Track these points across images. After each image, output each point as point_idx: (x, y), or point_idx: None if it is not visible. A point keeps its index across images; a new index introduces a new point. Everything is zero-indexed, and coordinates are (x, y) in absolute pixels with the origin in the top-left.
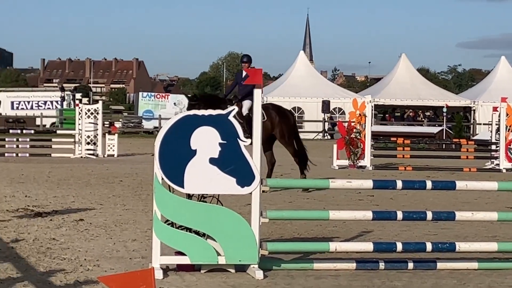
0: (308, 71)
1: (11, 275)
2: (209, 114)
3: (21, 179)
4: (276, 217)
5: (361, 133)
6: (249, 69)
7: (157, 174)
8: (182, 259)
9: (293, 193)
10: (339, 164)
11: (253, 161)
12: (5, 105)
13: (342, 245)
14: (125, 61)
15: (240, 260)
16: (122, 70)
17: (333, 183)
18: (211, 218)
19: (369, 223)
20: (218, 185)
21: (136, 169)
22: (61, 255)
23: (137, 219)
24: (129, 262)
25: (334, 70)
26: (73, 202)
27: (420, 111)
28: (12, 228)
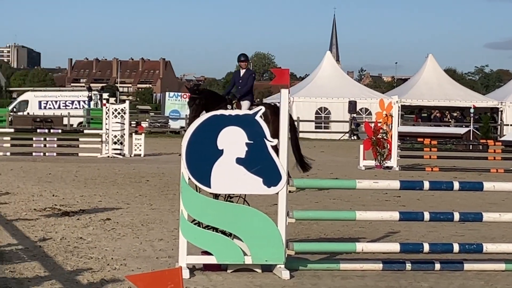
0: (334, 72)
1: (39, 273)
2: (236, 114)
3: (49, 178)
4: (303, 218)
5: (388, 133)
6: (276, 69)
7: (184, 174)
8: (208, 258)
9: (319, 193)
10: (365, 164)
11: (279, 161)
12: (32, 104)
13: (369, 245)
14: (152, 61)
15: (266, 260)
16: (149, 70)
17: (360, 183)
18: (237, 218)
19: (395, 223)
20: (244, 185)
21: (162, 169)
22: (88, 254)
23: (163, 218)
24: (156, 262)
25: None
26: (100, 202)
27: (447, 112)
28: (39, 227)
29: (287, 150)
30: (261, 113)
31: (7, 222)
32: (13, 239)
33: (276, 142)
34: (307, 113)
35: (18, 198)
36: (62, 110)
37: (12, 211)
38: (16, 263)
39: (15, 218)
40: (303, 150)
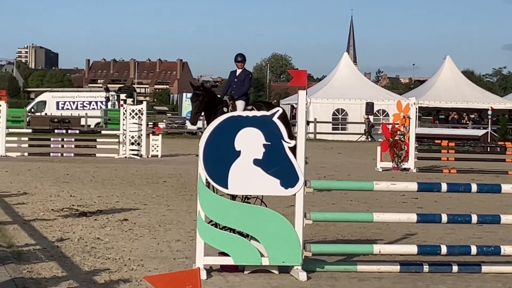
0: (352, 73)
1: (56, 274)
2: (253, 115)
3: (66, 178)
4: (320, 219)
5: (405, 135)
6: (293, 70)
7: (201, 175)
8: (225, 259)
9: (336, 194)
10: (382, 166)
11: (297, 163)
12: (50, 105)
13: (386, 247)
14: (169, 62)
15: (283, 262)
16: (166, 71)
17: (377, 185)
18: (255, 219)
19: (413, 225)
20: (262, 186)
21: (179, 170)
22: (106, 255)
23: (180, 219)
24: (173, 262)
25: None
26: (117, 202)
27: (464, 114)
28: (57, 227)
29: (305, 150)
30: (279, 114)
31: (24, 222)
32: (30, 239)
33: (293, 143)
34: (324, 114)
35: (36, 199)
36: (80, 110)
37: (30, 211)
38: (34, 263)
39: (32, 218)
40: (318, 151)
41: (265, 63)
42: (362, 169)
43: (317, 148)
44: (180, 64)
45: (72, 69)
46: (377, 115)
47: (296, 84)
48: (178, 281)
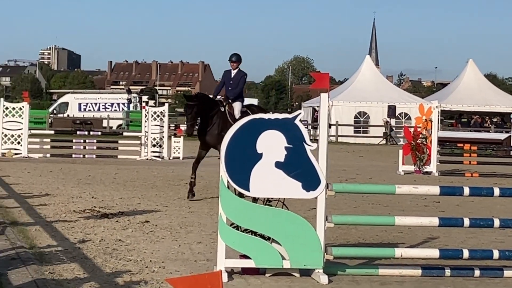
0: (374, 76)
1: (78, 275)
2: (275, 118)
3: (88, 180)
4: (342, 222)
5: (427, 138)
6: (315, 73)
7: (223, 177)
8: (247, 262)
9: (358, 197)
10: (404, 169)
11: (319, 166)
12: (72, 106)
13: (408, 251)
14: (191, 64)
15: (305, 265)
16: (188, 73)
17: (399, 188)
18: (276, 222)
19: (434, 229)
20: (283, 189)
21: (201, 172)
22: (127, 256)
23: (202, 221)
24: (194, 265)
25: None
26: (139, 204)
27: (487, 117)
28: (79, 228)
29: (327, 153)
30: (301, 116)
31: (46, 224)
32: (52, 240)
33: (315, 147)
34: (346, 117)
35: (58, 200)
36: (102, 112)
37: (51, 212)
38: (55, 265)
39: (54, 220)
40: (340, 154)
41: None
42: (383, 172)
43: (338, 151)
44: (202, 66)
45: (94, 70)
46: (399, 118)
47: (319, 87)
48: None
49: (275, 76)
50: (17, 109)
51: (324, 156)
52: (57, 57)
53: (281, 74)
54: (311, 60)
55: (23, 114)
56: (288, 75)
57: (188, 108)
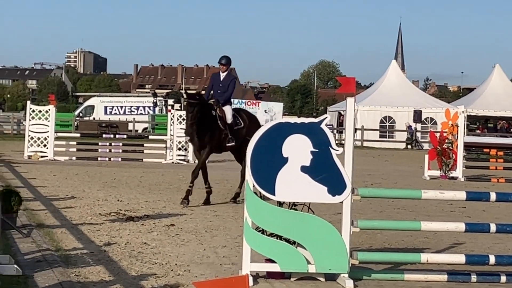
0: (400, 80)
1: (104, 278)
2: (301, 122)
3: (114, 183)
4: (367, 227)
5: (453, 143)
6: (342, 77)
7: (249, 181)
8: (272, 266)
9: (383, 202)
10: (430, 174)
11: (344, 170)
12: (98, 110)
13: (434, 256)
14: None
15: (330, 269)
16: None
17: (425, 193)
18: (302, 226)
19: (460, 234)
20: (309, 193)
21: (226, 176)
22: (152, 260)
23: (227, 225)
24: (219, 268)
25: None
26: (164, 207)
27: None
28: (104, 231)
29: (353, 158)
30: (327, 121)
31: (72, 226)
32: (78, 243)
33: (341, 151)
34: (371, 121)
35: (84, 203)
36: (127, 115)
37: (77, 215)
38: (81, 267)
39: (80, 222)
40: (365, 159)
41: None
42: (409, 177)
43: (364, 156)
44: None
45: (120, 74)
46: (425, 123)
47: (345, 91)
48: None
49: (301, 80)
50: (44, 112)
51: (350, 161)
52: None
53: (306, 78)
54: (337, 65)
55: (49, 117)
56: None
57: (190, 106)
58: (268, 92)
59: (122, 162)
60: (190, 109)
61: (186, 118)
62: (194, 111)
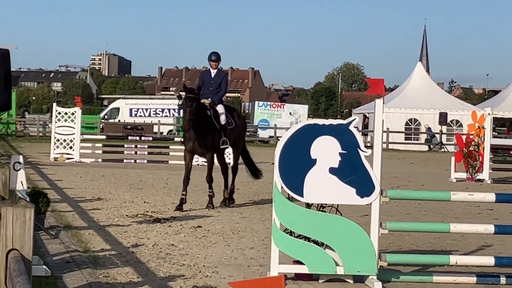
0: (425, 83)
1: (132, 279)
2: (329, 124)
3: (140, 185)
4: (396, 229)
5: (480, 146)
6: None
7: (277, 183)
8: (300, 268)
9: (410, 204)
10: (456, 176)
11: (373, 172)
12: (123, 112)
13: (463, 258)
14: (241, 70)
15: (358, 271)
16: (238, 79)
17: (454, 195)
18: (330, 228)
19: (488, 237)
20: (337, 195)
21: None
22: (180, 261)
23: (254, 227)
24: (247, 270)
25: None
26: (190, 209)
27: None
28: (132, 233)
29: (381, 160)
30: (355, 122)
31: (100, 228)
32: (106, 244)
33: (369, 153)
34: (396, 124)
35: (110, 204)
36: (153, 118)
37: (104, 217)
38: (109, 268)
39: (107, 224)
40: (391, 161)
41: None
42: (435, 180)
43: (389, 158)
44: (251, 73)
45: (144, 76)
46: (451, 125)
47: (373, 93)
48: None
49: (325, 83)
50: (70, 114)
51: (379, 162)
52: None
53: (331, 81)
54: (362, 67)
55: (75, 119)
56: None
57: (188, 100)
58: (293, 94)
59: (148, 164)
60: (188, 103)
61: (184, 112)
62: (193, 106)
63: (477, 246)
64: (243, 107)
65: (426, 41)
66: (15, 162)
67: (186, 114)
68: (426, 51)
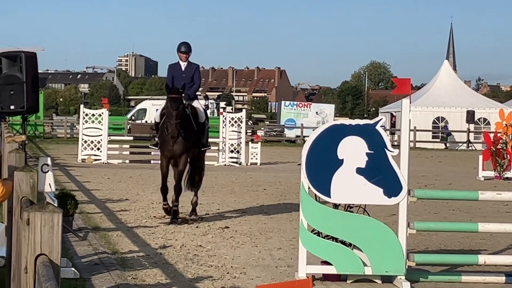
0: (452, 81)
1: (160, 280)
2: (356, 124)
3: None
4: (424, 229)
5: (508, 144)
6: (397, 78)
7: (304, 183)
8: (328, 268)
9: (438, 204)
10: (484, 175)
11: (400, 172)
12: (150, 113)
13: (492, 258)
14: (267, 69)
15: (386, 271)
16: (264, 79)
17: (482, 194)
18: (357, 228)
19: None
20: (364, 195)
21: (279, 178)
22: (208, 262)
23: (281, 227)
24: (275, 271)
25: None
26: (218, 210)
27: None
28: (159, 234)
29: (408, 159)
30: (382, 122)
31: (128, 229)
32: (134, 245)
33: (396, 152)
34: (423, 122)
35: (138, 206)
36: None
37: (132, 218)
38: (137, 270)
39: (135, 225)
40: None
41: (363, 71)
42: (463, 178)
43: (416, 157)
44: (278, 72)
45: None
46: (478, 124)
47: (400, 93)
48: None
49: (351, 82)
50: (97, 116)
51: (406, 162)
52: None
53: (357, 80)
54: (388, 65)
55: (102, 121)
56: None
57: (173, 102)
58: (319, 93)
59: None
60: (174, 106)
61: (169, 116)
62: (179, 108)
63: (506, 245)
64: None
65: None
66: (43, 164)
67: (173, 118)
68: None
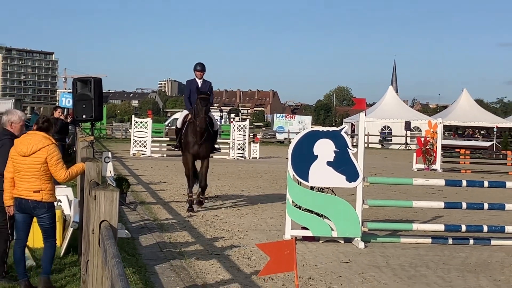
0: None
1: (188, 240)
2: (327, 130)
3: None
4: (375, 204)
5: (434, 145)
6: (356, 98)
7: (289, 172)
8: (306, 232)
9: (384, 187)
10: (417, 167)
11: (358, 164)
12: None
13: (421, 225)
14: (265, 91)
15: (347, 234)
16: (262, 98)
17: (415, 181)
18: (327, 203)
19: (440, 210)
20: (332, 180)
21: (272, 168)
22: (221, 227)
23: (273, 203)
24: (269, 233)
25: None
26: (229, 190)
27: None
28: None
29: (363, 155)
30: (345, 129)
31: (165, 203)
32: (169, 215)
33: (355, 151)
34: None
35: (172, 187)
36: None
37: (168, 195)
38: (171, 232)
39: (170, 201)
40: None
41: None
42: (402, 169)
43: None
44: (272, 93)
45: None
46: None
47: (358, 108)
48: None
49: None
50: (144, 123)
51: (362, 157)
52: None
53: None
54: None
55: (147, 126)
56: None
57: (203, 100)
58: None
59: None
60: (203, 103)
61: (199, 112)
62: (207, 106)
63: (431, 217)
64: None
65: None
66: (105, 156)
67: (202, 112)
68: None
